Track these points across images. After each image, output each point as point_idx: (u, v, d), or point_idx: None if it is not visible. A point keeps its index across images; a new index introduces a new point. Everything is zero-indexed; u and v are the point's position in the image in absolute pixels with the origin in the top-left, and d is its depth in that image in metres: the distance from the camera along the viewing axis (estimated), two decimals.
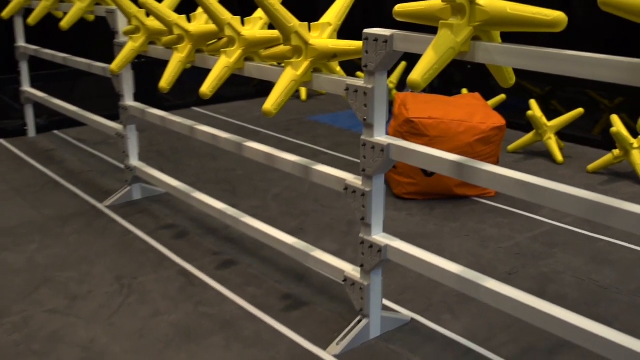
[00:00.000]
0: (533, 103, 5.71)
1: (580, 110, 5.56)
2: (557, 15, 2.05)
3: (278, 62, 3.22)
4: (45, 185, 4.99)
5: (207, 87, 3.24)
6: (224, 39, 3.37)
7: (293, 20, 2.91)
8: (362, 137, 2.76)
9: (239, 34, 3.25)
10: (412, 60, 2.26)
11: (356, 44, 2.80)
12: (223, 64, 3.27)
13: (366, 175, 2.79)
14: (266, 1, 2.86)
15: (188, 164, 5.47)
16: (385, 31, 2.56)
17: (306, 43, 2.91)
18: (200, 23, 3.61)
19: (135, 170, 4.53)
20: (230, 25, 3.28)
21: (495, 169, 2.34)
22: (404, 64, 6.90)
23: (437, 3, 2.37)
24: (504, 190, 2.32)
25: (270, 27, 3.24)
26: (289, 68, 2.95)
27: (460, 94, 6.04)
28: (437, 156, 2.52)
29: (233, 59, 3.27)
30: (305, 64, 2.92)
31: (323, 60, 2.94)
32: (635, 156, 5.02)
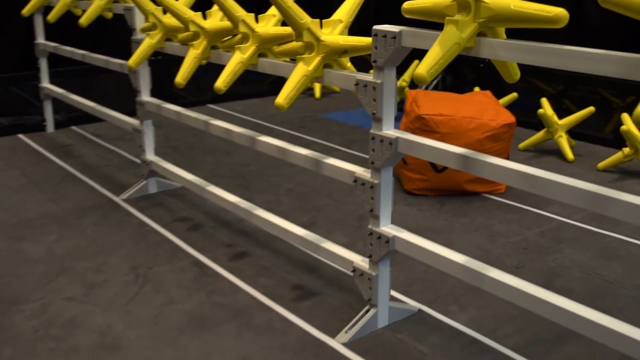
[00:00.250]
0: (544, 101, 5.76)
1: (591, 108, 5.61)
2: (559, 11, 2.11)
3: (291, 58, 3.30)
4: (63, 178, 5.10)
5: (222, 82, 3.34)
6: (239, 36, 3.46)
7: (305, 17, 2.99)
8: (371, 131, 2.84)
9: (252, 30, 3.34)
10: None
11: (366, 40, 2.88)
12: (237, 60, 3.36)
13: (375, 168, 2.87)
14: None
15: (203, 159, 5.56)
16: (394, 27, 2.63)
17: (318, 39, 2.99)
18: (215, 20, 3.69)
19: (151, 165, 4.63)
20: (244, 22, 3.36)
21: (498, 161, 2.41)
22: (416, 62, 6.96)
23: (444, 0, 2.44)
24: (506, 181, 2.39)
25: (284, 24, 3.33)
26: (301, 63, 3.04)
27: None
28: (443, 149, 2.59)
29: (247, 55, 3.35)
30: (317, 59, 3.00)
31: (334, 56, 3.02)
32: None
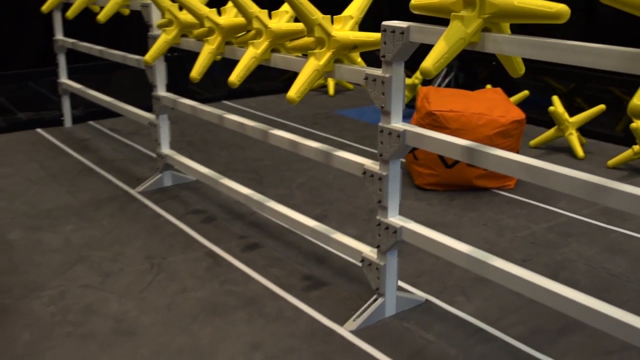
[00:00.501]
0: (555, 99, 5.81)
1: (602, 106, 5.65)
2: (560, 7, 2.18)
3: (302, 53, 3.39)
4: (80, 171, 5.21)
5: (236, 76, 3.42)
6: (252, 31, 3.54)
7: (316, 13, 3.07)
8: (380, 124, 2.92)
9: (266, 26, 3.42)
10: None
11: (375, 35, 2.95)
12: (251, 55, 3.44)
13: (383, 160, 2.94)
14: None
15: (217, 154, 5.65)
16: (402, 23, 2.71)
17: (328, 35, 3.07)
18: (229, 16, 3.78)
19: (167, 158, 4.73)
20: (258, 18, 3.45)
21: (501, 153, 2.48)
22: None
23: None
24: (509, 172, 2.47)
25: (296, 21, 3.41)
26: (312, 58, 3.12)
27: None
28: (449, 141, 2.67)
29: (260, 50, 3.44)
30: (328, 54, 3.08)
31: (344, 51, 3.10)
32: None
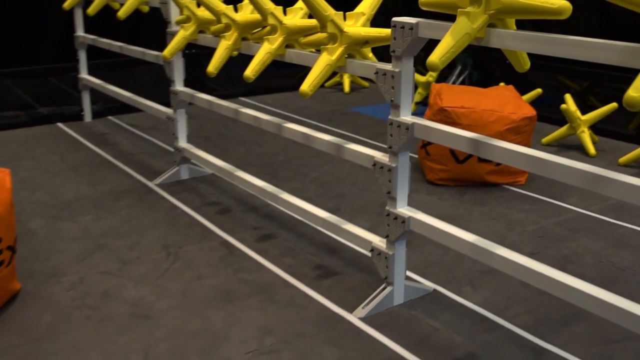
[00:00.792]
0: (568, 97, 5.87)
1: (614, 104, 5.70)
2: (562, 4, 2.26)
3: (316, 49, 3.48)
4: (99, 164, 5.34)
5: (251, 71, 3.52)
6: (267, 27, 3.65)
7: (329, 10, 3.17)
8: (389, 117, 3.01)
9: (280, 22, 3.52)
10: None
11: (386, 31, 3.05)
12: (265, 50, 3.54)
13: (392, 152, 3.03)
14: None
15: (233, 149, 5.76)
16: (411, 19, 2.80)
17: (341, 30, 3.16)
18: (246, 13, 3.88)
19: (184, 152, 4.84)
20: (273, 15, 3.55)
21: (505, 144, 2.57)
22: None
23: None
24: (512, 163, 2.55)
25: (310, 17, 3.50)
26: (325, 53, 3.21)
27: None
28: (454, 133, 2.75)
29: (275, 46, 3.54)
30: (340, 49, 3.18)
31: (356, 46, 3.19)
32: None
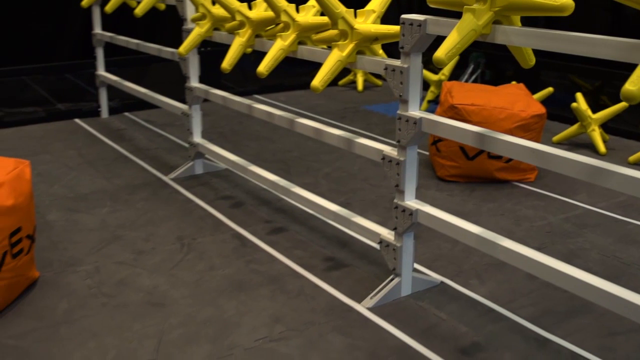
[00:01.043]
0: (579, 96, 5.91)
1: (625, 103, 5.74)
2: (565, 1, 2.33)
3: (327, 45, 3.56)
4: (116, 159, 5.45)
5: (264, 67, 3.61)
6: (281, 25, 3.73)
7: (340, 7, 3.25)
8: (398, 112, 3.08)
9: (293, 19, 3.61)
10: (464, 53, 2.56)
11: (395, 28, 3.12)
12: (278, 47, 3.63)
13: (401, 146, 3.11)
14: None
15: (247, 145, 5.85)
16: (420, 16, 2.87)
17: (351, 27, 3.24)
18: (259, 10, 3.97)
19: (198, 147, 4.94)
20: (286, 12, 3.63)
21: (508, 138, 2.64)
22: (456, 58, 7.14)
23: None
24: (516, 156, 2.62)
25: (322, 15, 3.58)
26: (336, 50, 3.29)
27: None
28: (460, 127, 2.83)
29: (287, 42, 3.62)
30: (350, 46, 3.26)
31: (366, 43, 3.27)
32: None
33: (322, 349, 2.89)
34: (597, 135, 5.77)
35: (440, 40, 2.86)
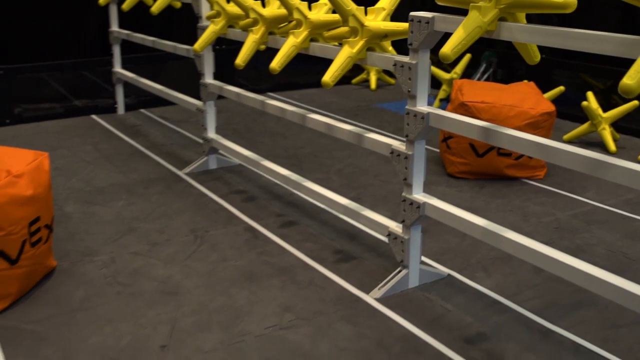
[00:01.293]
0: (590, 95, 5.95)
1: (635, 102, 5.77)
2: None
3: (339, 42, 3.64)
4: (132, 154, 5.55)
5: (276, 63, 3.69)
6: (293, 22, 3.81)
7: (351, 5, 3.33)
8: (406, 107, 3.16)
9: (305, 17, 3.69)
10: (476, 52, 2.63)
11: (404, 25, 3.20)
12: (291, 43, 3.71)
13: (409, 140, 3.19)
14: None
15: (260, 141, 5.94)
16: (428, 13, 2.95)
17: (362, 24, 3.32)
18: (273, 8, 4.05)
19: (212, 142, 5.03)
20: (298, 10, 3.71)
21: (513, 132, 2.71)
22: (468, 56, 7.21)
23: None
24: (520, 149, 2.69)
25: (334, 12, 3.66)
26: (346, 46, 3.37)
27: None
28: (465, 121, 2.90)
29: (300, 39, 3.70)
30: (361, 42, 3.33)
31: (376, 39, 3.35)
32: None
33: (331, 337, 2.97)
34: (608, 134, 5.81)
35: (448, 37, 2.93)
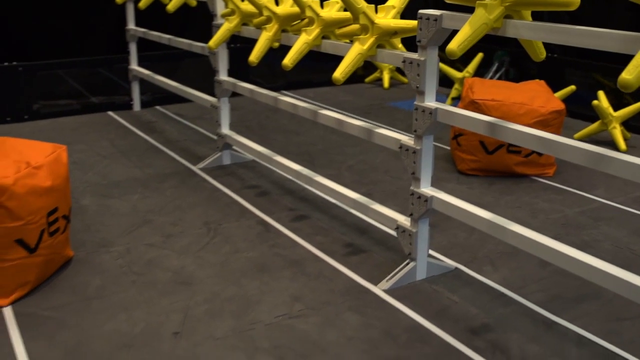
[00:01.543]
0: (601, 94, 6.00)
1: None
2: None
3: (350, 40, 3.71)
4: (147, 149, 5.65)
5: (289, 60, 3.77)
6: (305, 20, 3.89)
7: (361, 3, 3.40)
8: (415, 103, 3.24)
9: (317, 15, 3.76)
10: (489, 52, 2.70)
11: (413, 22, 3.27)
12: (303, 41, 3.79)
13: (417, 135, 3.26)
14: None
15: (274, 138, 6.03)
16: (436, 11, 3.02)
17: (372, 22, 3.39)
18: (286, 6, 4.13)
19: (226, 138, 5.12)
20: (310, 8, 3.79)
21: (518, 127, 2.77)
22: (480, 55, 7.26)
23: None
24: (524, 144, 2.75)
25: (346, 10, 3.74)
26: (357, 43, 3.45)
27: None
28: (472, 117, 2.97)
29: (312, 37, 3.78)
30: (371, 40, 3.41)
31: (386, 37, 3.42)
32: None
33: (338, 326, 3.05)
34: (618, 133, 5.85)
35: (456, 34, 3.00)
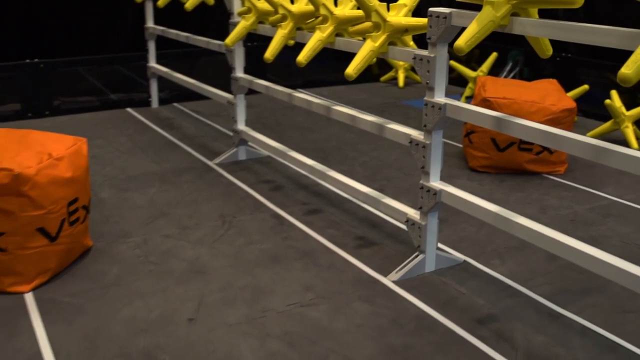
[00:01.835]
0: (614, 93, 6.04)
1: None
2: None
3: (363, 37, 3.80)
4: (164, 145, 5.77)
5: (303, 56, 3.86)
6: (320, 18, 3.98)
7: (374, 1, 3.49)
8: (425, 98, 3.32)
9: (331, 13, 3.86)
10: (503, 51, 2.78)
11: (423, 20, 3.35)
12: (317, 38, 3.88)
13: (427, 130, 3.34)
14: None
15: (289, 135, 6.12)
16: (446, 9, 3.10)
17: (384, 20, 3.48)
18: (301, 5, 4.22)
19: (242, 134, 5.22)
20: (324, 6, 3.88)
21: (524, 122, 2.85)
22: (495, 55, 7.32)
23: None
24: (529, 138, 2.83)
25: (359, 8, 3.82)
26: (369, 40, 3.54)
27: None
28: (480, 112, 3.05)
29: (326, 34, 3.87)
30: (383, 37, 3.50)
31: (397, 34, 3.51)
32: None
33: (348, 314, 3.14)
34: (630, 132, 5.89)
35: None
